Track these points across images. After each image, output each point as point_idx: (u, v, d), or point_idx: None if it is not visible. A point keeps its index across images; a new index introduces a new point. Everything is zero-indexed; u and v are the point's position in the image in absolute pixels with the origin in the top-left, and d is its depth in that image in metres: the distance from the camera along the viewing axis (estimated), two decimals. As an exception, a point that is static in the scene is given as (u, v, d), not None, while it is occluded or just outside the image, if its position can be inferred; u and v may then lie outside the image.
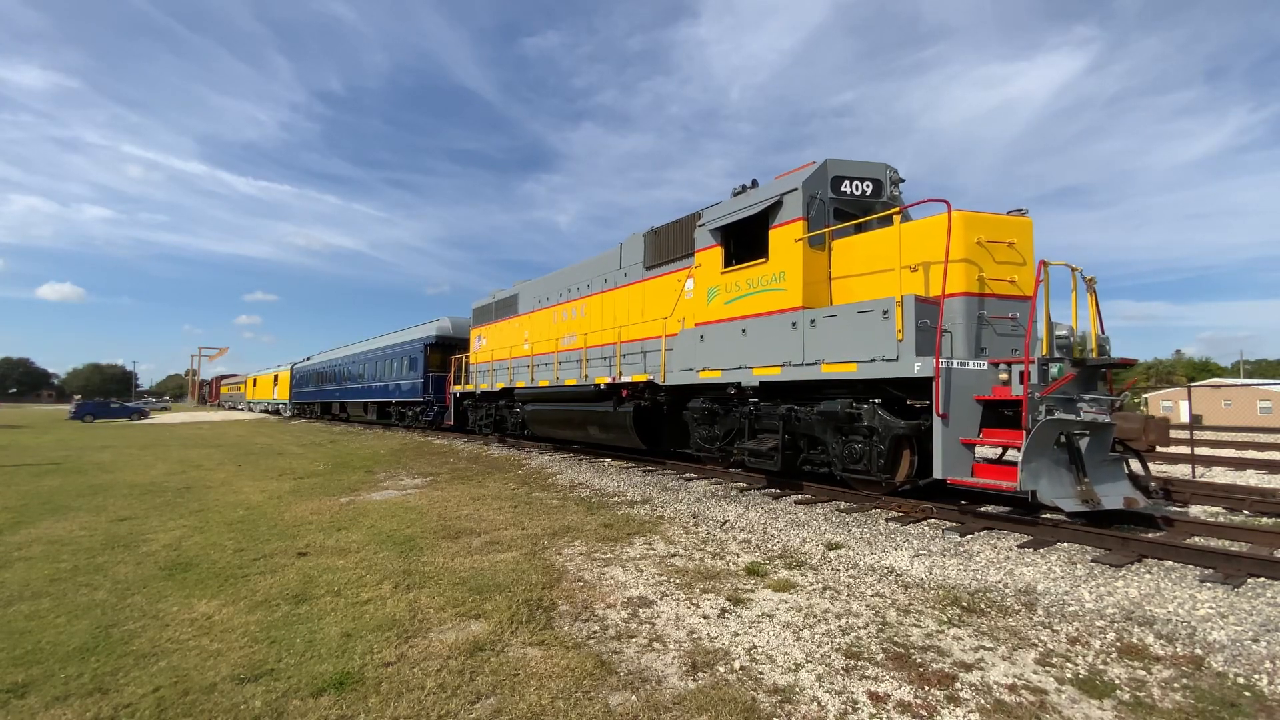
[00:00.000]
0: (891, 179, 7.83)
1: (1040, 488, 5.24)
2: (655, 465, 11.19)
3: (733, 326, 8.27)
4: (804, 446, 7.65)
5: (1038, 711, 2.75)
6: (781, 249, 7.62)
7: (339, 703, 2.80)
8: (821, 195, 7.54)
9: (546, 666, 3.15)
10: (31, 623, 3.83)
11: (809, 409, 7.39)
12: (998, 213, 6.55)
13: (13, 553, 5.53)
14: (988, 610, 3.97)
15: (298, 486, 9.52)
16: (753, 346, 7.89)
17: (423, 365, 21.42)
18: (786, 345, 7.37)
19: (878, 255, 6.91)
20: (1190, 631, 3.49)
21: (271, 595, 4.29)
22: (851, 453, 6.87)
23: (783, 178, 7.95)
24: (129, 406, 42.50)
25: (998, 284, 6.35)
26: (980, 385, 5.83)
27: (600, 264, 12.33)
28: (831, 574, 4.78)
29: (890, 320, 6.17)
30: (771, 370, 7.60)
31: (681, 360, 9.23)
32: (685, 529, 6.29)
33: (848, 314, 6.72)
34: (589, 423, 11.78)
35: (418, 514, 7.14)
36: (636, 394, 10.51)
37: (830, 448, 7.17)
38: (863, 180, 7.71)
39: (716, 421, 9.02)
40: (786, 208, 7.61)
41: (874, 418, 6.61)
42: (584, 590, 4.37)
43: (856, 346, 6.53)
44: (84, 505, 7.94)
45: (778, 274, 7.66)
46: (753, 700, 2.83)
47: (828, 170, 7.64)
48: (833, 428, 7.09)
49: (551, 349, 13.33)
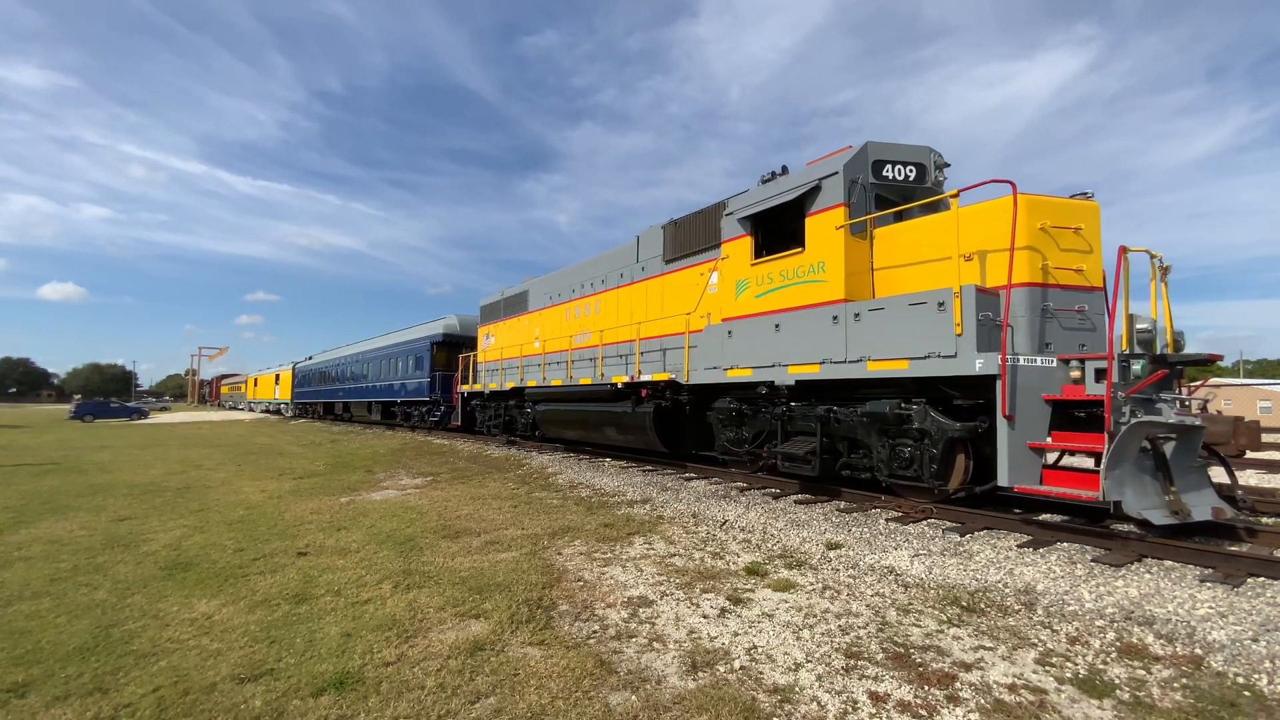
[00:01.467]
0: (936, 163, 7.36)
1: (1126, 498, 4.76)
2: (656, 465, 11.17)
3: (764, 321, 7.76)
4: (843, 450, 7.18)
5: (1037, 711, 2.75)
6: (820, 238, 7.12)
7: (339, 702, 2.80)
8: (863, 180, 7.03)
9: (546, 666, 3.15)
10: (31, 622, 3.83)
11: (850, 410, 6.93)
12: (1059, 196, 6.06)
13: (13, 552, 5.53)
14: (987, 610, 3.97)
15: (298, 486, 9.52)
16: (787, 343, 7.40)
17: (429, 364, 21.02)
18: (826, 341, 6.86)
19: (929, 243, 6.42)
20: (1190, 631, 3.49)
21: (271, 595, 4.29)
22: (900, 457, 6.42)
23: (819, 162, 7.47)
24: (129, 406, 42.47)
25: (1063, 273, 5.86)
26: (1049, 384, 5.35)
27: (615, 258, 11.85)
28: (831, 574, 4.78)
29: (947, 313, 5.69)
30: (809, 368, 7.11)
31: (706, 358, 8.74)
32: (685, 529, 6.29)
33: (897, 307, 6.19)
34: (605, 424, 11.30)
35: (418, 514, 7.14)
36: (656, 394, 10.05)
37: (875, 452, 6.71)
38: (905, 164, 7.21)
39: (745, 423, 8.57)
40: (825, 193, 7.12)
41: (925, 419, 6.15)
42: (584, 590, 4.37)
43: (908, 342, 6.03)
44: (84, 505, 7.94)
45: (816, 264, 7.15)
46: (753, 700, 2.83)
47: (868, 153, 7.12)
48: (877, 430, 6.64)
49: (564, 347, 12.92)
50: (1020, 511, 6.41)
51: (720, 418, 8.95)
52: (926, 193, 7.20)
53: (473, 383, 17.54)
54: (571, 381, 12.30)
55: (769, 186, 8.07)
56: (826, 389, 7.30)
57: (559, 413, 12.94)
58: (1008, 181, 5.73)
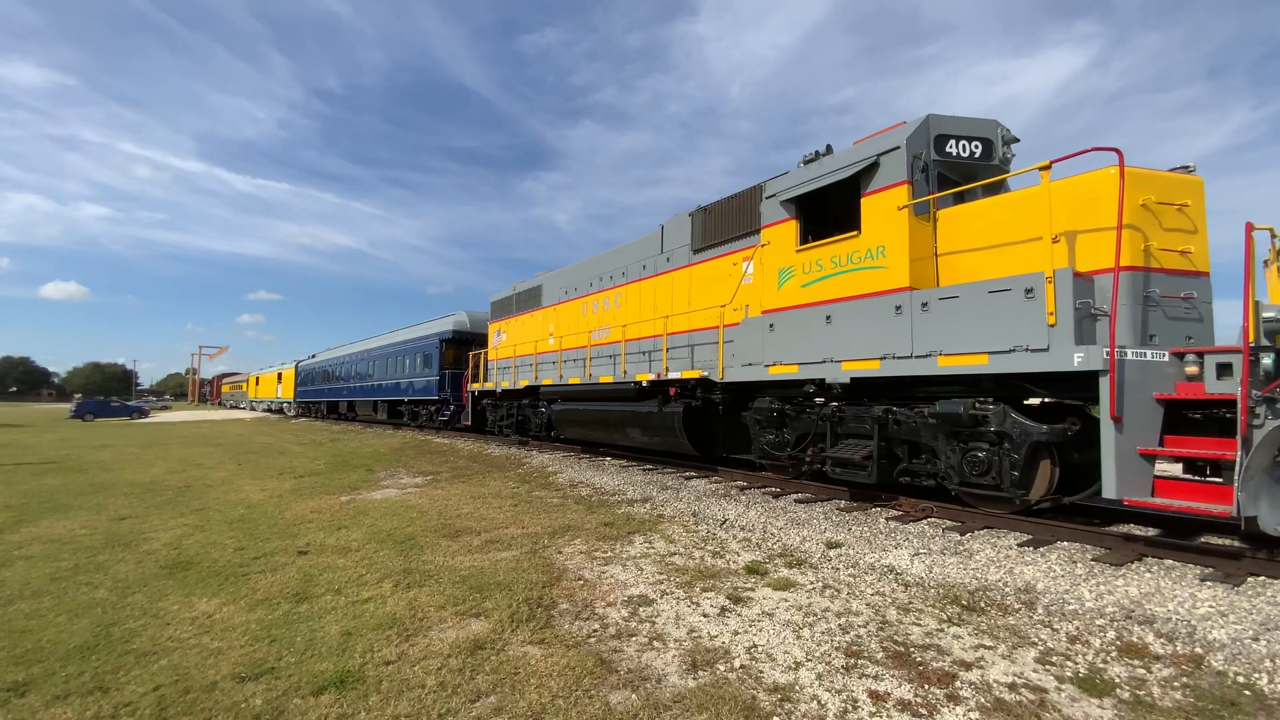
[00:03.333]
0: (1004, 138, 6.74)
1: (1261, 513, 4.22)
2: (656, 465, 11.16)
3: (813, 313, 7.12)
4: (902, 455, 6.56)
5: (1037, 710, 2.75)
6: (879, 219, 6.51)
7: (339, 701, 2.80)
8: (925, 156, 6.41)
9: (547, 665, 3.15)
10: (32, 621, 3.84)
11: (914, 410, 6.34)
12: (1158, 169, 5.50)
13: (13, 551, 5.53)
14: (987, 609, 3.97)
15: (298, 485, 9.52)
16: (840, 336, 6.74)
17: (438, 362, 20.40)
18: (888, 333, 6.24)
19: (1008, 223, 5.80)
20: (1190, 630, 3.49)
21: (272, 594, 4.30)
22: (974, 463, 5.80)
23: (874, 138, 6.85)
24: (129, 405, 42.49)
25: (1167, 256, 5.26)
26: (1159, 381, 4.81)
27: (638, 249, 11.23)
28: (831, 572, 4.78)
29: (1037, 301, 5.11)
30: (867, 364, 6.45)
31: (744, 353, 8.09)
32: (685, 527, 6.29)
33: (974, 294, 5.59)
34: (628, 424, 10.68)
35: (418, 513, 7.14)
36: (685, 393, 9.44)
37: (943, 457, 6.09)
38: (970, 139, 6.58)
39: (786, 424, 7.91)
40: (885, 171, 6.51)
41: (1004, 421, 5.56)
42: (584, 589, 4.37)
43: (987, 334, 5.45)
44: (84, 504, 7.95)
45: (874, 249, 6.53)
46: (753, 699, 2.83)
47: (930, 127, 6.49)
48: (945, 433, 6.04)
49: (582, 343, 12.35)
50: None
51: (758, 419, 8.26)
52: (993, 170, 6.64)
53: (483, 381, 17.02)
54: (591, 380, 11.70)
55: (815, 166, 7.43)
56: (883, 387, 6.73)
57: (577, 412, 12.38)
58: (1113, 149, 5.06)
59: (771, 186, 7.98)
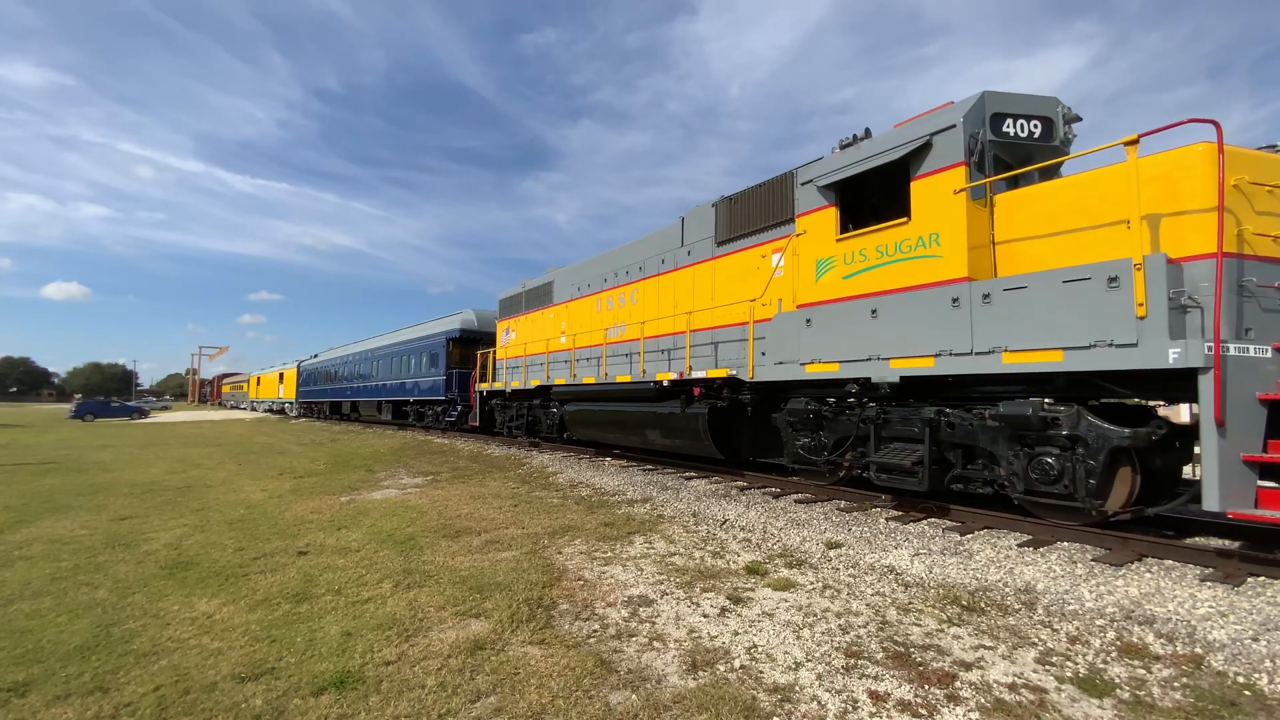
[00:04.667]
0: (1065, 116, 6.24)
1: None
2: (656, 465, 11.16)
3: (856, 307, 6.64)
4: (955, 460, 6.10)
5: (1037, 710, 2.75)
6: (931, 204, 6.03)
7: (339, 701, 2.80)
8: (982, 136, 5.93)
9: (547, 665, 3.15)
10: (32, 622, 3.84)
11: (970, 412, 5.88)
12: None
13: (13, 552, 5.53)
14: (988, 609, 3.97)
15: (298, 485, 9.52)
16: (888, 331, 6.28)
17: (444, 361, 19.93)
18: (943, 328, 5.78)
19: (1081, 206, 5.28)
20: (1190, 630, 3.49)
21: (272, 594, 4.30)
22: (1042, 470, 5.34)
23: (922, 118, 6.37)
24: (129, 405, 42.51)
25: (1261, 242, 4.82)
26: (1263, 380, 4.44)
27: (656, 242, 10.80)
28: (831, 573, 4.78)
29: (1123, 290, 4.65)
30: (919, 362, 5.97)
31: (777, 350, 7.59)
32: (685, 528, 6.29)
33: (1046, 285, 5.10)
34: (647, 426, 10.22)
35: (418, 513, 7.14)
36: (710, 393, 8.96)
37: (1005, 463, 5.62)
38: (1029, 118, 6.11)
39: (823, 427, 7.42)
40: (938, 152, 6.03)
41: (1079, 424, 5.10)
42: (584, 589, 4.37)
43: (1062, 328, 4.99)
44: (84, 504, 7.95)
45: (927, 236, 6.05)
46: (753, 699, 2.83)
47: (986, 105, 6.01)
48: (1008, 437, 5.56)
49: (597, 341, 11.90)
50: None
51: (792, 421, 7.75)
52: (1053, 152, 6.19)
53: (492, 381, 16.56)
54: (607, 379, 11.20)
55: (854, 150, 6.97)
56: (932, 387, 6.31)
57: (592, 413, 11.89)
58: (1209, 121, 4.56)
59: (807, 172, 7.53)
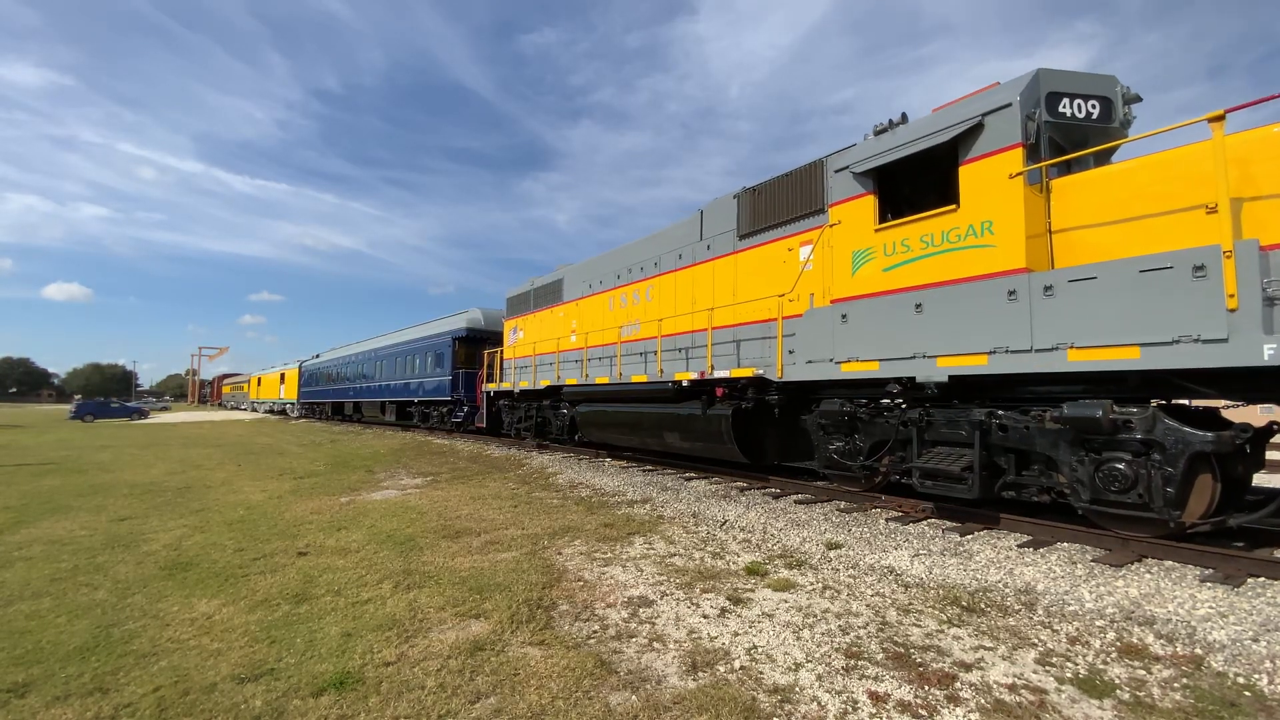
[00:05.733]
0: (1124, 96, 5.88)
1: None
2: (656, 465, 11.15)
3: (898, 301, 6.25)
4: (1007, 465, 5.71)
5: (1038, 711, 2.75)
6: (983, 190, 5.68)
7: (339, 702, 2.80)
8: (1038, 117, 5.56)
9: (546, 666, 3.15)
10: (32, 622, 3.84)
11: (1026, 414, 5.49)
12: None
13: (13, 552, 5.53)
14: (988, 610, 3.97)
15: (298, 486, 9.52)
16: (934, 327, 5.89)
17: (450, 361, 19.50)
18: (998, 323, 5.40)
19: (1152, 191, 4.92)
20: (1190, 631, 3.49)
21: (272, 595, 4.30)
22: (1112, 478, 4.92)
23: (970, 98, 5.98)
24: (129, 406, 42.49)
25: None
26: None
27: (672, 237, 10.44)
28: (831, 574, 4.78)
29: (1210, 281, 4.30)
30: (970, 360, 5.59)
31: (808, 348, 7.15)
32: (685, 528, 6.29)
33: (1118, 275, 4.72)
34: (665, 428, 9.81)
35: (418, 513, 7.14)
36: (734, 393, 8.55)
37: (1067, 469, 5.23)
38: (1086, 98, 5.73)
39: (859, 430, 7.00)
40: (991, 133, 5.66)
41: (1155, 427, 4.72)
42: (584, 590, 4.37)
43: (1137, 322, 4.61)
44: (84, 505, 7.95)
45: (979, 225, 5.69)
46: (753, 700, 2.83)
47: (1041, 83, 5.63)
48: (1071, 441, 5.16)
49: (610, 340, 11.58)
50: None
51: (824, 423, 7.30)
52: (1113, 134, 5.85)
53: (500, 381, 16.20)
54: (622, 379, 10.78)
55: (893, 135, 6.59)
56: (980, 387, 5.93)
57: (605, 414, 11.46)
58: None
59: (842, 159, 7.15)
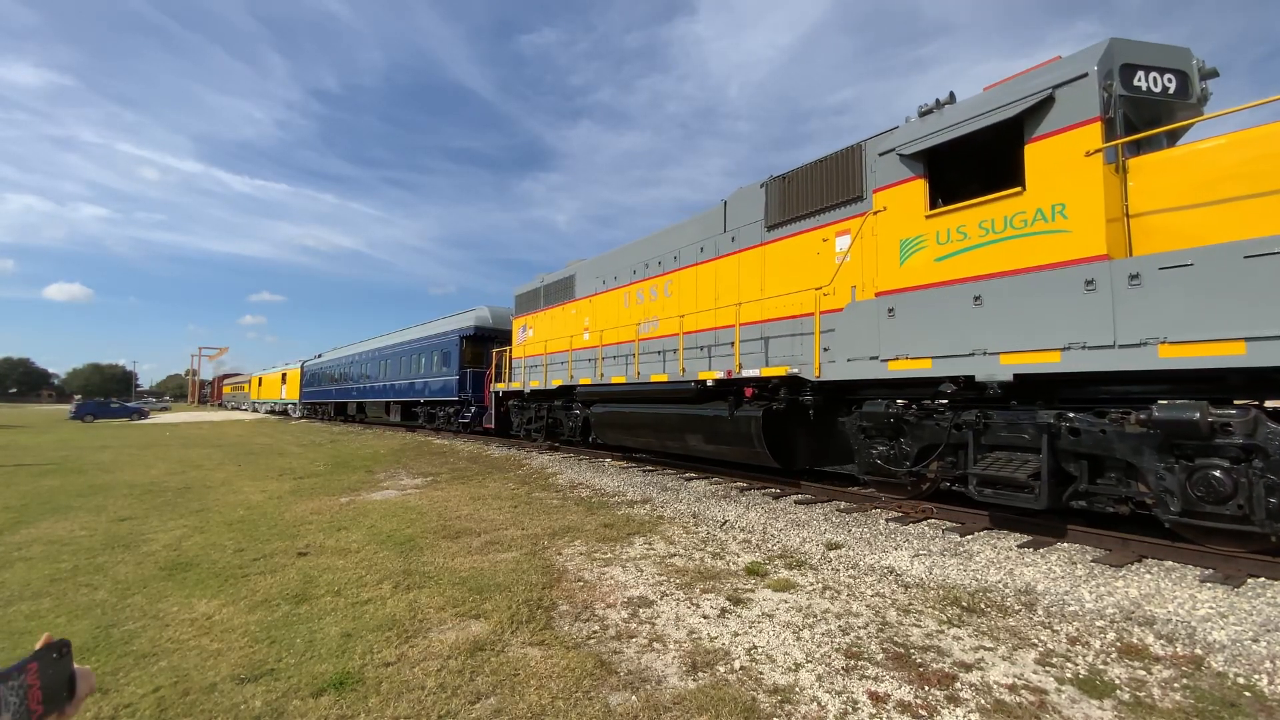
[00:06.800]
0: (1200, 70, 5.47)
1: None
2: (656, 466, 11.15)
3: (953, 293, 5.81)
4: (1077, 473, 5.24)
5: (1038, 711, 2.75)
6: (1054, 170, 5.25)
7: (339, 703, 2.80)
8: (1113, 90, 5.11)
9: (546, 666, 3.15)
10: (32, 623, 3.83)
11: (1102, 416, 5.05)
12: None
13: (13, 553, 5.53)
14: (988, 610, 3.97)
15: (298, 486, 9.52)
16: (997, 321, 5.47)
17: (458, 360, 19.02)
18: (1074, 316, 4.98)
19: (1250, 170, 4.47)
20: (1190, 631, 3.50)
21: (272, 595, 4.30)
22: (1208, 487, 4.46)
23: (1033, 71, 5.55)
24: (129, 406, 42.50)
25: None
26: None
27: (694, 229, 9.99)
28: (831, 574, 4.78)
29: None
30: (1040, 357, 5.17)
31: (848, 346, 6.77)
32: (685, 529, 6.29)
33: (1220, 261, 4.27)
34: (688, 430, 9.35)
35: (418, 514, 7.14)
36: (764, 394, 8.15)
37: (1152, 477, 4.76)
38: (1162, 71, 5.27)
39: (905, 433, 6.52)
40: (1063, 107, 5.22)
41: (1257, 431, 4.32)
42: (584, 590, 4.37)
43: (1244, 314, 4.19)
44: (84, 505, 7.94)
45: (1048, 209, 5.26)
46: (753, 700, 2.83)
47: (1114, 54, 5.17)
48: (1155, 446, 4.70)
49: (627, 338, 11.21)
50: None
51: (867, 426, 6.85)
52: (1189, 110, 5.45)
53: (509, 381, 15.74)
54: (639, 378, 10.36)
55: (944, 114, 6.17)
56: (1049, 387, 5.51)
57: (622, 415, 11.01)
58: None
59: (885, 141, 6.74)
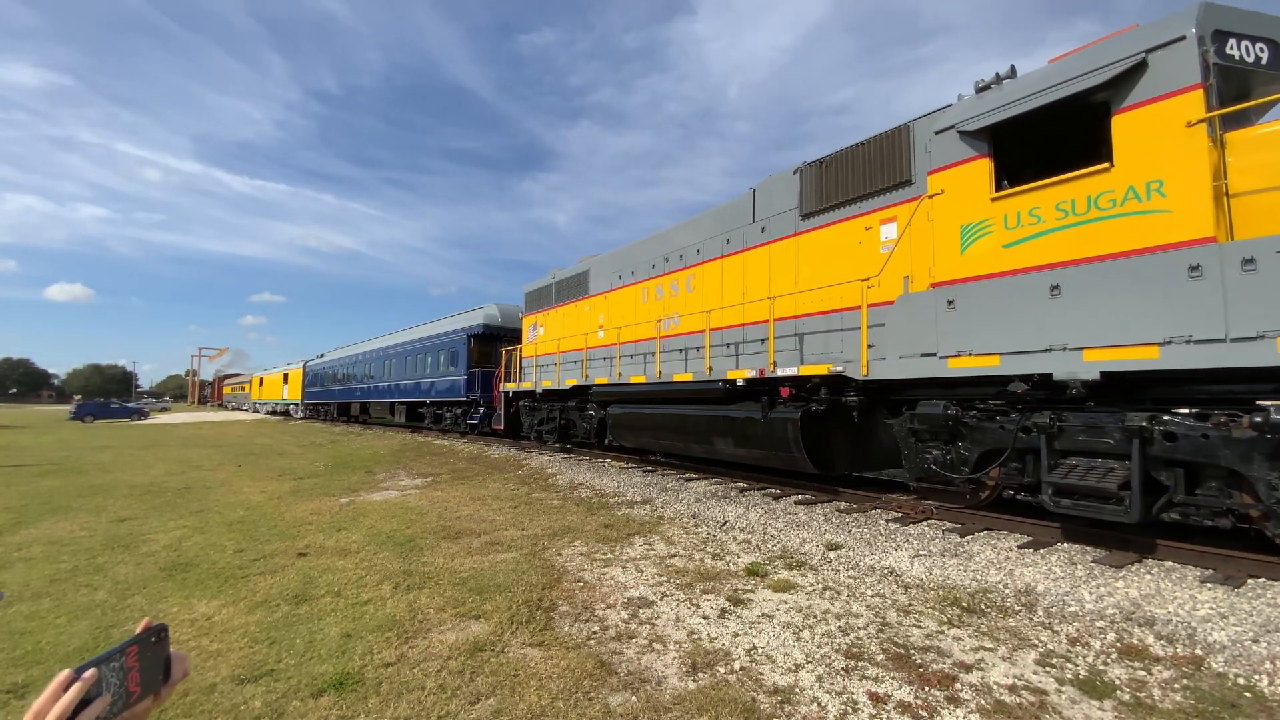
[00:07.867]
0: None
1: None
2: (656, 466, 11.14)
3: (1026, 282, 5.30)
4: (1170, 483, 4.71)
5: (1038, 712, 2.74)
6: (1149, 144, 4.71)
7: (339, 703, 2.80)
8: (1210, 56, 4.59)
9: (546, 667, 3.15)
10: (32, 623, 3.83)
11: (1204, 419, 4.53)
12: None
13: (13, 553, 5.53)
14: (988, 611, 3.97)
15: (298, 487, 9.52)
16: (1078, 312, 4.98)
17: (466, 359, 18.50)
18: (1175, 306, 4.47)
19: None
20: (1190, 632, 3.49)
21: (271, 596, 4.29)
22: None
23: (1117, 36, 5.03)
24: (129, 407, 42.48)
25: None
26: None
27: (718, 220, 9.44)
28: (831, 574, 4.78)
29: None
30: (1134, 352, 4.65)
31: (899, 341, 6.29)
32: (685, 529, 6.29)
33: None
34: (716, 432, 8.82)
35: (418, 514, 7.14)
36: (802, 394, 7.69)
37: (1263, 487, 4.25)
38: (1254, 40, 4.74)
39: (964, 436, 6.00)
40: (1158, 73, 4.69)
41: None
42: (584, 591, 4.37)
43: None
44: (84, 506, 7.94)
45: (1143, 186, 4.72)
46: (753, 701, 2.83)
47: (1208, 17, 4.65)
48: (1268, 454, 4.21)
49: (645, 335, 10.68)
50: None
51: (920, 429, 6.32)
52: (1275, 86, 4.89)
53: (519, 380, 15.30)
54: (661, 378, 9.84)
55: (1004, 89, 5.69)
56: (1138, 386, 4.99)
57: (642, 417, 10.51)
58: None
59: (940, 119, 6.21)
